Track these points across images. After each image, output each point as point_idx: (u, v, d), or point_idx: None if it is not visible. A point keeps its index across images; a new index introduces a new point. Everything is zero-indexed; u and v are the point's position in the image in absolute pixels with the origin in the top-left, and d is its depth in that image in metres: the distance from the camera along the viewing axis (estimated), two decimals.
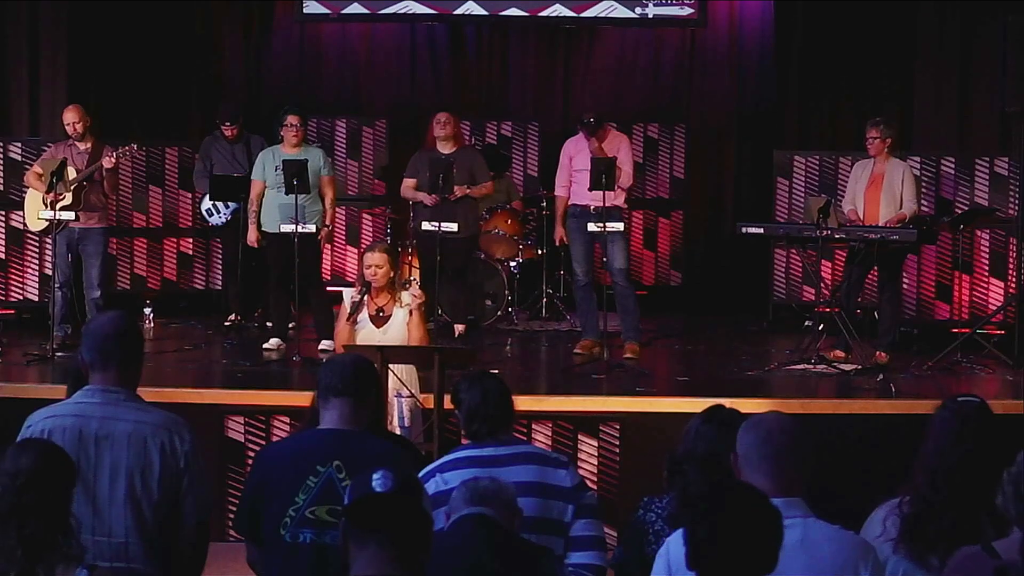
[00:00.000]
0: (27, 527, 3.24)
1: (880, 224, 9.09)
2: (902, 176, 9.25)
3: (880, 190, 9.23)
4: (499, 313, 10.44)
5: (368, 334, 6.96)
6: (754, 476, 3.30)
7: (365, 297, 7.00)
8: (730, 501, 2.94)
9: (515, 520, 3.88)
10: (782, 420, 3.44)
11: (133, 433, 3.94)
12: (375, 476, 2.92)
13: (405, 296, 7.07)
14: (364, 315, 7.03)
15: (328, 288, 9.71)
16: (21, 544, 3.22)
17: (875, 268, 9.32)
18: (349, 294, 7.12)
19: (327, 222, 9.36)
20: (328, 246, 10.11)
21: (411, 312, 7.03)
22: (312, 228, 9.10)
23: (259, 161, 9.37)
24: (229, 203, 10.26)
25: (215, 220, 10.43)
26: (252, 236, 9.36)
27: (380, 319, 7.02)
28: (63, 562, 3.23)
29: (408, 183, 9.74)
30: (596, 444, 7.57)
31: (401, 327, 7.00)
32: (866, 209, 9.25)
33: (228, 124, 10.26)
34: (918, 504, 3.56)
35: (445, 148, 9.60)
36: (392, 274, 7.05)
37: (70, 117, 9.44)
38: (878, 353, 8.99)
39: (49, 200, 9.15)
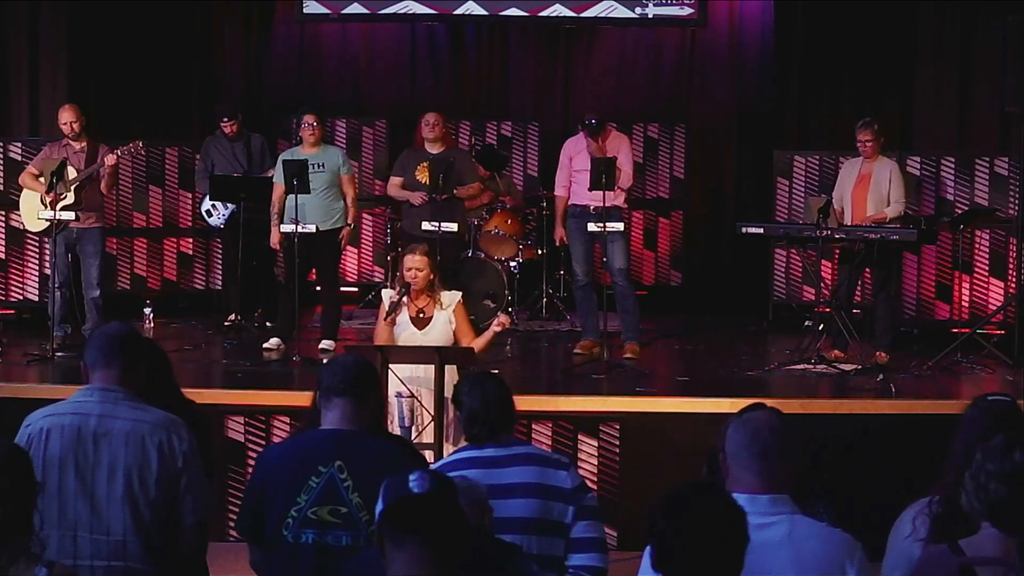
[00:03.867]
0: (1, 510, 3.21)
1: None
2: (889, 175, 9.27)
3: (867, 190, 9.25)
4: (499, 313, 10.41)
5: (409, 336, 6.88)
6: (742, 473, 3.30)
7: (404, 298, 6.95)
8: (695, 502, 2.93)
9: (484, 517, 3.87)
10: (770, 417, 3.44)
11: (131, 432, 3.95)
12: (412, 477, 2.94)
13: (445, 298, 7.01)
14: (404, 317, 6.93)
15: (339, 289, 9.74)
16: None
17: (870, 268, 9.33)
18: (388, 295, 7.07)
19: (348, 221, 9.36)
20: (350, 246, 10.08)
21: (468, 323, 6.96)
22: (312, 228, 9.08)
23: (279, 163, 9.37)
24: (228, 204, 10.27)
25: (214, 221, 10.45)
26: (275, 238, 9.34)
27: (421, 321, 6.93)
28: (22, 560, 3.20)
29: (395, 181, 9.73)
30: (596, 444, 7.57)
31: (443, 328, 6.90)
32: (853, 209, 9.25)
33: (226, 120, 10.27)
34: (948, 504, 3.56)
35: (433, 148, 9.58)
36: (432, 276, 6.98)
37: (67, 117, 9.43)
38: (878, 353, 8.98)
39: (49, 200, 9.15)
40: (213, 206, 10.38)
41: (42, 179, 9.34)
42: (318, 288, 9.67)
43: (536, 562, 4.16)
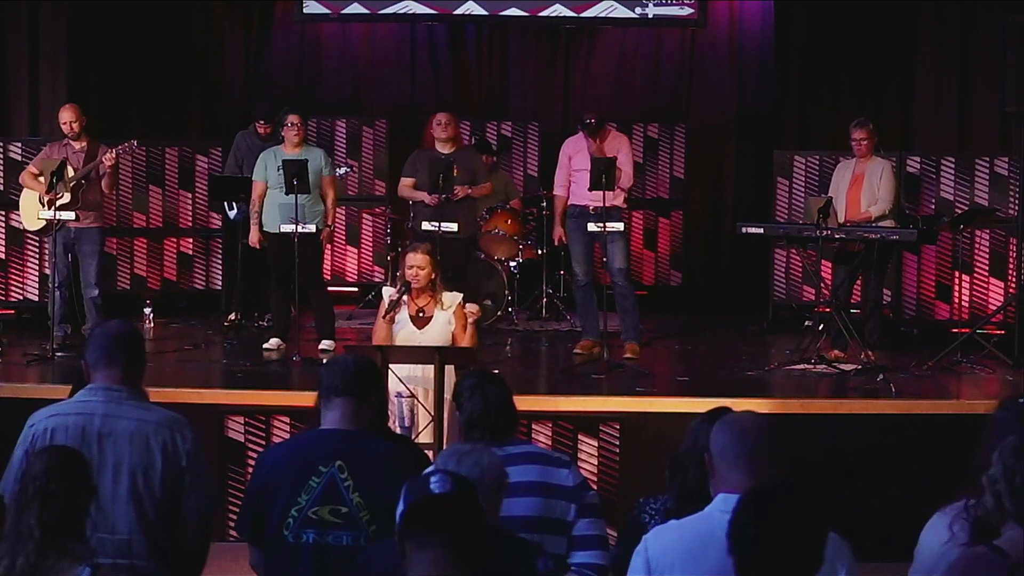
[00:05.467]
0: (48, 512, 3.35)
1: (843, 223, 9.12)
2: (880, 174, 9.28)
3: (861, 190, 9.26)
4: (499, 313, 10.43)
5: (408, 335, 6.86)
6: (729, 473, 3.30)
7: (404, 297, 6.93)
8: (778, 502, 2.93)
9: (500, 502, 3.82)
10: (757, 418, 3.45)
11: (136, 431, 3.98)
12: (432, 478, 2.94)
13: (447, 298, 6.99)
14: (404, 315, 6.89)
15: (327, 288, 9.73)
16: (39, 527, 3.33)
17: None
18: (388, 292, 7.05)
19: (328, 222, 9.35)
20: (329, 246, 10.08)
21: (465, 324, 6.92)
22: (312, 228, 9.08)
23: (260, 161, 9.34)
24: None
25: (233, 214, 10.41)
26: (254, 237, 9.34)
27: (421, 320, 6.90)
28: (69, 558, 3.31)
29: (406, 182, 9.67)
30: (596, 444, 7.57)
31: (442, 328, 6.87)
32: (848, 210, 9.26)
33: (262, 122, 10.24)
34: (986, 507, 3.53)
35: (444, 148, 9.54)
36: (434, 275, 6.96)
37: (67, 116, 9.43)
38: (865, 352, 8.93)
39: (47, 200, 9.16)
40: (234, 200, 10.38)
41: (42, 179, 9.35)
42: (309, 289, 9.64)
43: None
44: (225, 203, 10.49)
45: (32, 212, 9.48)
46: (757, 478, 3.27)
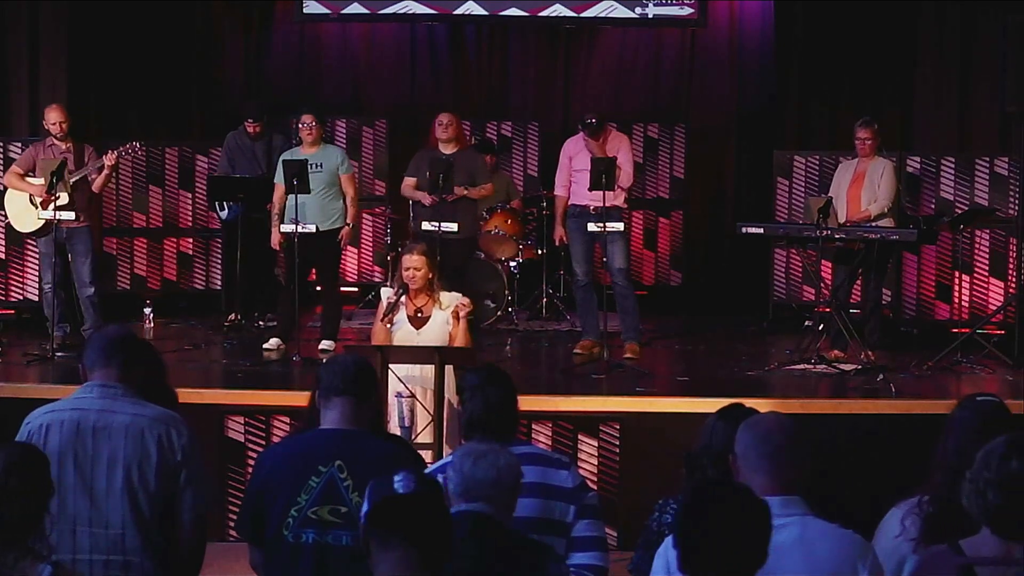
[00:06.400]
0: (7, 509, 3.32)
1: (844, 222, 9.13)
2: (881, 172, 9.29)
3: (862, 188, 9.28)
4: (499, 313, 10.43)
5: (405, 335, 6.86)
6: (753, 475, 3.32)
7: (403, 298, 6.92)
8: (714, 500, 2.97)
9: (515, 502, 3.82)
10: (780, 419, 3.47)
11: (131, 425, 3.99)
12: (396, 478, 2.93)
13: (445, 298, 6.98)
14: (402, 315, 6.90)
15: (339, 289, 9.74)
16: None
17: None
18: (386, 294, 7.05)
19: (348, 220, 9.35)
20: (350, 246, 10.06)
21: (457, 319, 6.91)
22: (312, 228, 9.08)
23: (279, 164, 9.35)
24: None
25: (224, 214, 10.41)
26: (275, 239, 9.32)
27: (418, 320, 6.90)
28: (30, 557, 3.29)
29: (408, 182, 9.66)
30: (596, 444, 7.57)
31: (440, 329, 6.86)
32: (849, 208, 9.28)
33: (251, 121, 10.26)
34: (939, 503, 3.57)
35: (447, 149, 9.52)
36: (431, 275, 6.95)
37: (57, 116, 9.38)
38: (866, 352, 8.93)
39: (42, 200, 9.15)
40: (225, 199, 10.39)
41: (30, 179, 9.32)
42: (319, 288, 9.66)
43: None
44: (217, 203, 10.49)
45: (22, 213, 9.42)
46: (780, 480, 3.30)
